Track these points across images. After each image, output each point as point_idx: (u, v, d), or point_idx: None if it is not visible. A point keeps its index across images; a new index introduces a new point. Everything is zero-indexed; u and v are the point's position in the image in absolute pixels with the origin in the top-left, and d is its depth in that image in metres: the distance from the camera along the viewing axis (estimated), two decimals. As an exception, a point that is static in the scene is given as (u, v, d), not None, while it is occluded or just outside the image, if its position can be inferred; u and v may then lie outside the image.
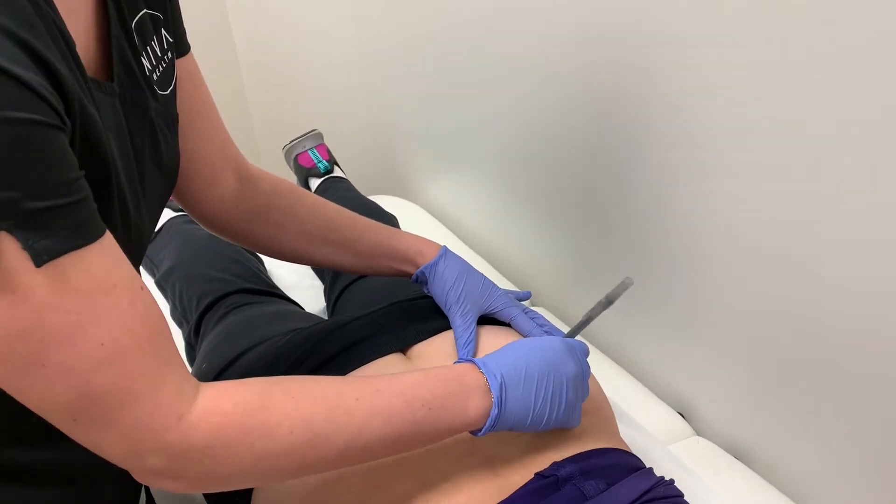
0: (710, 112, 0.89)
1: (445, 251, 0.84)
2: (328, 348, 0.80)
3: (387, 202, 1.55)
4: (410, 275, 0.84)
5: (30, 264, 0.42)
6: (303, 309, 1.17)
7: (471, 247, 1.51)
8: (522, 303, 0.87)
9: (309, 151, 1.65)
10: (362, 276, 1.15)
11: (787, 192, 0.84)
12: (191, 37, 0.74)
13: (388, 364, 0.78)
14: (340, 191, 1.53)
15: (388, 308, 0.87)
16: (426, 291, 0.85)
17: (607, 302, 0.74)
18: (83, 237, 0.45)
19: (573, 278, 1.29)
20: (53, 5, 0.49)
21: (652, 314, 1.10)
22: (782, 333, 0.90)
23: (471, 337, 0.78)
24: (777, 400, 0.94)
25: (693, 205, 0.96)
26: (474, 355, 0.77)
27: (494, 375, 0.62)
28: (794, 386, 0.92)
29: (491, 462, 0.67)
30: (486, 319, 0.83)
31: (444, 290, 0.81)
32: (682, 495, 0.67)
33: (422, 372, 0.61)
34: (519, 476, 0.65)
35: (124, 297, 0.47)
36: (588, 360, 0.73)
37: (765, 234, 0.88)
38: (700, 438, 1.03)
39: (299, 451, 0.53)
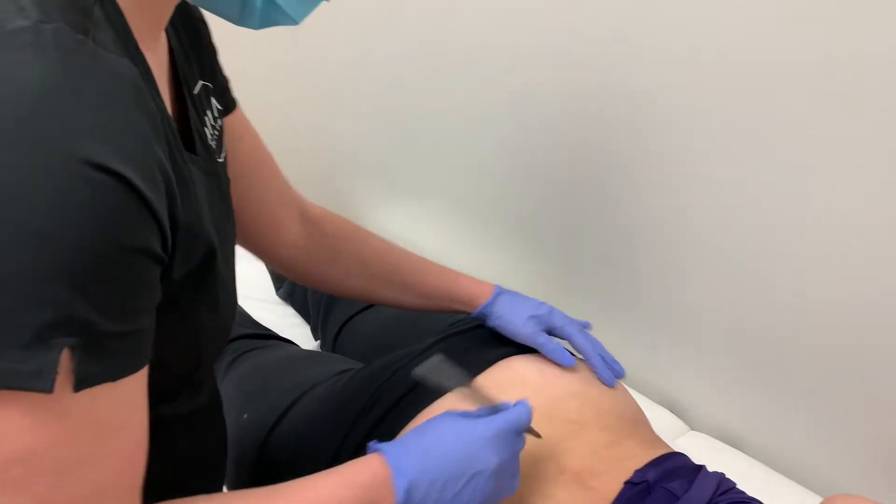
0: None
1: (500, 291, 0.91)
2: (394, 390, 0.84)
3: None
4: (469, 313, 0.91)
5: (69, 387, 0.40)
6: (302, 349, 1.19)
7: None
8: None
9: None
10: (362, 311, 1.19)
11: (750, 199, 0.98)
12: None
13: (455, 399, 0.83)
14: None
15: (441, 344, 0.91)
16: (489, 325, 0.91)
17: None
18: (125, 369, 0.44)
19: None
20: (156, 88, 0.51)
21: (633, 319, 1.21)
22: (759, 327, 1.04)
23: (557, 346, 0.86)
24: (760, 387, 1.08)
25: (667, 212, 1.09)
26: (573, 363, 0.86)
27: (402, 480, 0.59)
28: (773, 373, 1.06)
29: (579, 477, 0.74)
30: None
31: (506, 323, 0.88)
32: (735, 485, 0.77)
33: (334, 481, 0.59)
34: (609, 486, 0.73)
35: (130, 442, 0.47)
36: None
37: (731, 238, 1.02)
38: (696, 433, 1.15)
39: None
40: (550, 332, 0.89)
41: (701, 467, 0.77)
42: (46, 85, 0.38)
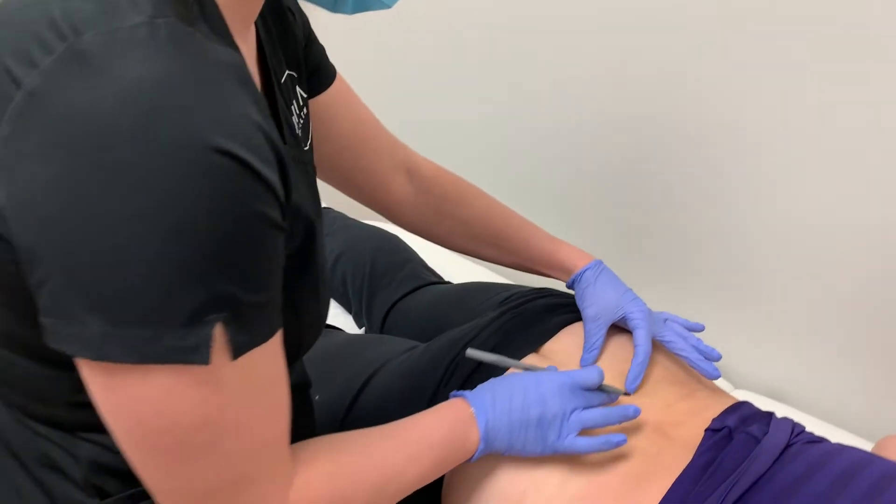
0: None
1: (595, 264, 0.93)
2: (469, 361, 0.86)
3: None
4: (564, 281, 0.95)
5: (227, 357, 0.44)
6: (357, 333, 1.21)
7: (463, 257, 1.59)
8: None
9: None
10: (406, 295, 1.22)
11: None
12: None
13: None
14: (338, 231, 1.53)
15: (505, 315, 0.94)
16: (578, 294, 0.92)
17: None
18: (269, 332, 0.48)
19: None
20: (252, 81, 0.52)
21: (678, 281, 1.24)
22: (799, 287, 1.09)
23: (596, 343, 0.86)
24: (803, 343, 1.12)
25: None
26: (597, 361, 0.86)
27: (482, 414, 0.68)
28: (814, 328, 1.10)
29: (661, 428, 0.78)
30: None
31: (583, 296, 0.90)
32: (805, 428, 0.81)
33: (429, 418, 0.67)
34: (691, 434, 0.76)
35: (282, 393, 0.52)
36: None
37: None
38: (740, 391, 1.19)
39: None
40: (621, 324, 0.89)
41: (771, 413, 0.81)
42: (165, 79, 0.40)
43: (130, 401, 0.44)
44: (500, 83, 1.39)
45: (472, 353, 0.78)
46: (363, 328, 1.32)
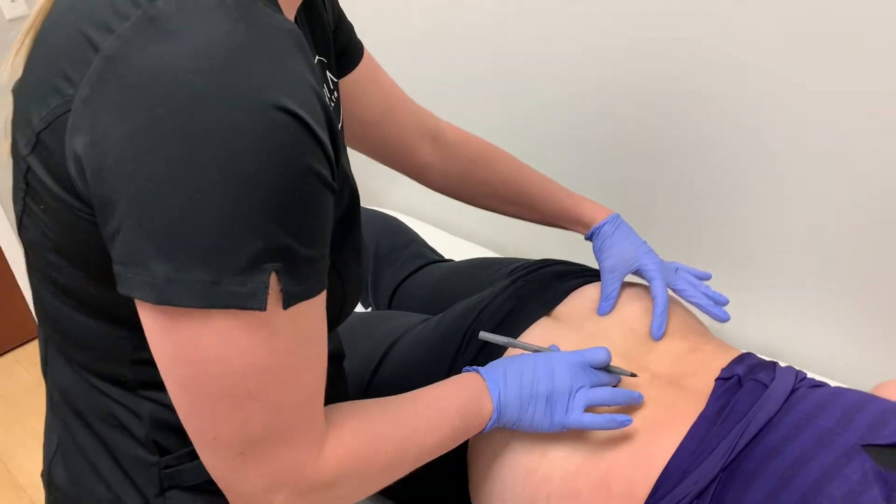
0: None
1: (613, 218, 0.97)
2: (486, 326, 0.90)
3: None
4: (583, 234, 0.99)
5: (279, 306, 0.47)
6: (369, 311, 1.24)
7: (461, 237, 1.64)
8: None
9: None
10: (412, 273, 1.25)
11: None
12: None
13: (542, 327, 0.90)
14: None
15: (517, 283, 0.98)
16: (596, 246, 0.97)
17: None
18: (318, 288, 0.50)
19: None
20: None
21: (678, 245, 1.29)
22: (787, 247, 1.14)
23: (612, 294, 0.91)
24: (795, 303, 1.17)
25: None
26: (612, 311, 0.92)
27: (495, 387, 0.71)
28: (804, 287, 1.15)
29: (673, 380, 0.82)
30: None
31: (601, 249, 0.95)
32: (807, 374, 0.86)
33: (446, 387, 0.70)
34: (702, 384, 0.81)
35: (323, 351, 0.55)
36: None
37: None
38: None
39: (388, 469, 0.63)
40: (642, 270, 0.94)
41: (775, 362, 0.86)
42: (233, 42, 0.44)
43: (188, 344, 0.47)
44: (495, 72, 1.42)
45: (484, 335, 0.81)
46: (370, 308, 1.35)
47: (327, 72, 0.73)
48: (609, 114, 1.26)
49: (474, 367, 0.75)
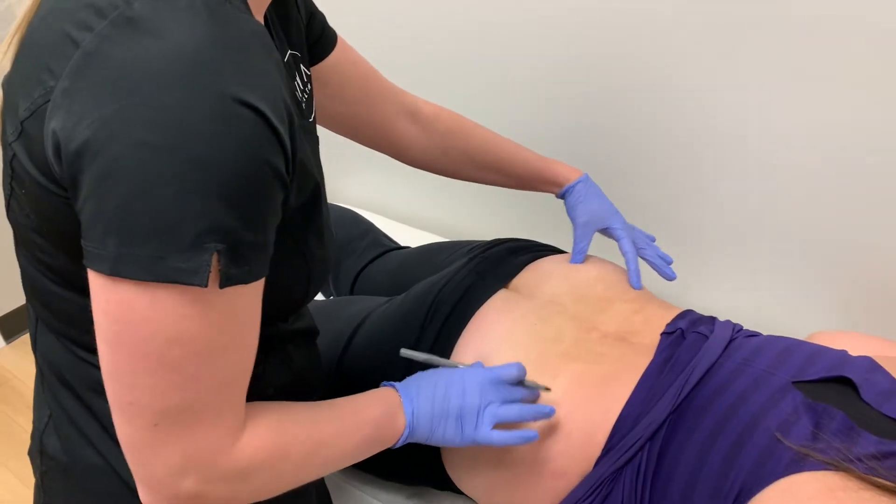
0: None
1: (585, 178, 1.05)
2: (448, 299, 0.95)
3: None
4: (556, 193, 1.06)
5: (216, 284, 0.49)
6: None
7: (416, 227, 1.68)
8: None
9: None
10: (372, 261, 1.30)
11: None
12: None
13: (501, 298, 0.95)
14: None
15: (475, 260, 1.04)
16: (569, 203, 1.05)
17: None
18: (255, 275, 0.53)
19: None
20: None
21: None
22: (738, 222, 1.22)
23: (584, 247, 1.00)
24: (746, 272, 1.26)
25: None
26: (583, 260, 1.02)
27: (409, 402, 0.74)
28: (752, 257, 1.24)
29: (621, 336, 0.89)
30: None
31: (574, 206, 1.03)
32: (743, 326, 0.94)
33: (365, 399, 0.72)
34: (649, 339, 0.88)
35: (253, 337, 0.57)
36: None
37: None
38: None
39: (299, 468, 0.64)
40: (605, 232, 1.04)
41: (714, 317, 0.93)
42: (202, 40, 0.48)
43: (122, 303, 0.49)
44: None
45: (405, 352, 0.82)
46: (330, 298, 1.39)
47: (301, 65, 0.76)
48: (568, 99, 1.33)
49: (391, 382, 0.78)
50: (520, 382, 0.78)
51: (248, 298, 0.54)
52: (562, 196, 1.07)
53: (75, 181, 0.49)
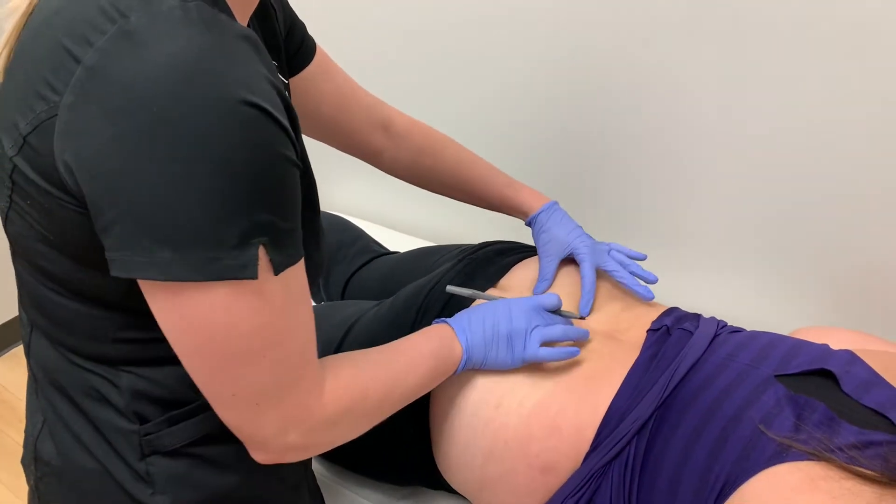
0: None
1: (550, 206, 1.05)
2: (438, 300, 0.97)
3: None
4: (523, 220, 1.07)
5: (271, 273, 0.54)
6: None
7: (407, 233, 1.70)
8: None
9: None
10: (362, 267, 1.31)
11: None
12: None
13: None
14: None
15: (463, 261, 1.05)
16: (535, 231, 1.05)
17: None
18: (298, 255, 0.58)
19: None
20: None
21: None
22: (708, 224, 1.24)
23: (547, 275, 0.99)
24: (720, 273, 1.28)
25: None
26: (548, 290, 0.99)
27: (462, 333, 0.81)
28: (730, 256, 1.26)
29: (609, 334, 0.91)
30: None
31: (538, 235, 1.03)
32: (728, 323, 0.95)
33: (418, 336, 0.80)
34: (636, 335, 0.90)
35: (311, 308, 0.63)
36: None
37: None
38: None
39: (380, 406, 0.71)
40: (574, 253, 1.00)
41: (699, 314, 0.95)
42: (200, 49, 0.50)
43: (195, 314, 0.53)
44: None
45: (451, 288, 0.91)
46: (322, 303, 1.40)
47: (279, 75, 0.78)
48: (546, 104, 1.35)
49: (442, 318, 0.85)
50: (557, 311, 0.87)
51: (299, 275, 0.59)
52: (529, 224, 1.07)
53: (99, 199, 0.51)
